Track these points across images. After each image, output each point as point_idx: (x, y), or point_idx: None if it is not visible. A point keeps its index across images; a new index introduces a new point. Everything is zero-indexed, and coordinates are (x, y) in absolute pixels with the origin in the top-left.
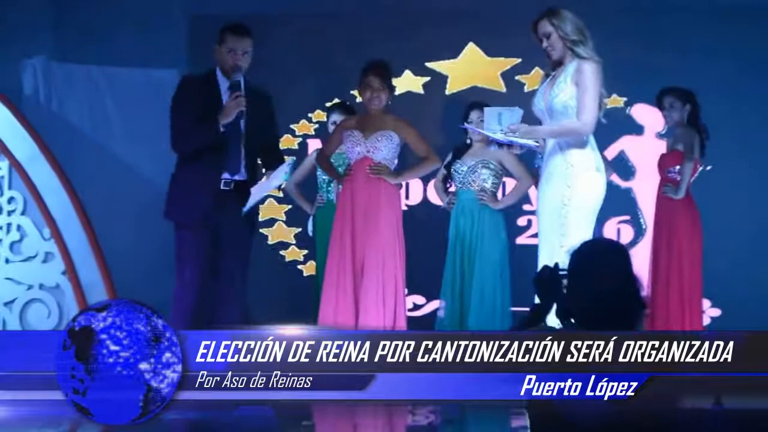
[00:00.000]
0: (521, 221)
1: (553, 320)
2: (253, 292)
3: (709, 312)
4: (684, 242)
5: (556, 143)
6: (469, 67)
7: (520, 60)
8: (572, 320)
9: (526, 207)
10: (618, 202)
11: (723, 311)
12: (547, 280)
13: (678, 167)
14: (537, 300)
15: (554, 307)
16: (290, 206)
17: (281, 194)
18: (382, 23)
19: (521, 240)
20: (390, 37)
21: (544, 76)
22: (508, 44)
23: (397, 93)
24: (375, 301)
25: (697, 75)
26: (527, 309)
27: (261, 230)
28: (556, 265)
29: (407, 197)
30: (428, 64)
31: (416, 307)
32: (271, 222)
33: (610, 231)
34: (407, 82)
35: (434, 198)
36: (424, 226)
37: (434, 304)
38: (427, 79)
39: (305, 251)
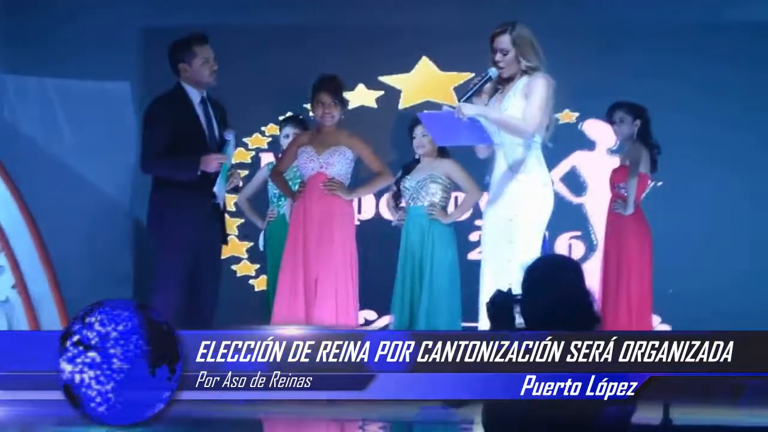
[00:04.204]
0: (473, 236)
1: None
2: None
3: (659, 328)
4: (633, 258)
5: (504, 158)
6: (422, 81)
7: (473, 74)
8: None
9: (478, 222)
10: (570, 217)
11: (673, 327)
12: (500, 305)
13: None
14: (488, 324)
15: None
16: (242, 220)
17: (233, 208)
18: (336, 36)
19: (472, 255)
20: (343, 50)
21: (491, 90)
22: (461, 58)
23: (350, 107)
24: (327, 316)
25: (649, 91)
26: (476, 324)
27: None
28: (509, 289)
29: (359, 212)
30: (381, 78)
31: (368, 322)
32: None
33: (561, 246)
34: (360, 96)
35: (386, 213)
36: (375, 241)
37: (386, 320)
38: (381, 93)
39: (257, 266)
